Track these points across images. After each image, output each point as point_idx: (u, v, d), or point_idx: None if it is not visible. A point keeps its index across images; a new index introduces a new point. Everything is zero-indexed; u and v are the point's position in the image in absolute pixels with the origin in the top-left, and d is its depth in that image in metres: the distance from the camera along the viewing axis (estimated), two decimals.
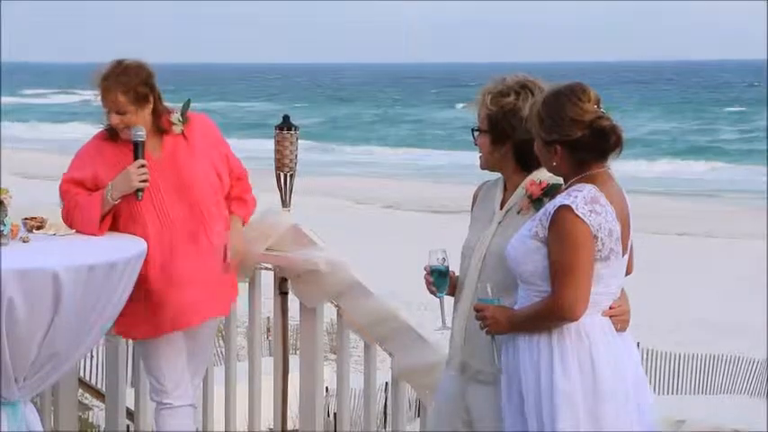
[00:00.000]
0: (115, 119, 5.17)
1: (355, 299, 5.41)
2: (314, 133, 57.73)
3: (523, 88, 4.31)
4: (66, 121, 71.31)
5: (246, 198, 5.45)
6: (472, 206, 4.54)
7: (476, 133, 4.39)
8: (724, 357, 17.82)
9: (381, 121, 75.14)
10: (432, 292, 4.42)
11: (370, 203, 37.71)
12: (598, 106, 4.09)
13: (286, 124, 5.71)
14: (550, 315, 4.04)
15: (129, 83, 5.16)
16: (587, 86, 4.12)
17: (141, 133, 5.16)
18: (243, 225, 5.44)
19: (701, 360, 17.91)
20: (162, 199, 5.20)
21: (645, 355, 17.11)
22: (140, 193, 5.16)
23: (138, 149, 5.16)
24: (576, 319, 4.03)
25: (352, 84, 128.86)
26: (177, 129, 5.27)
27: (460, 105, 77.77)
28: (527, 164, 4.31)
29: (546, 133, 4.10)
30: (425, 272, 4.41)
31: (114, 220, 5.22)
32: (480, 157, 4.42)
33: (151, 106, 5.20)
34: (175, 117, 5.29)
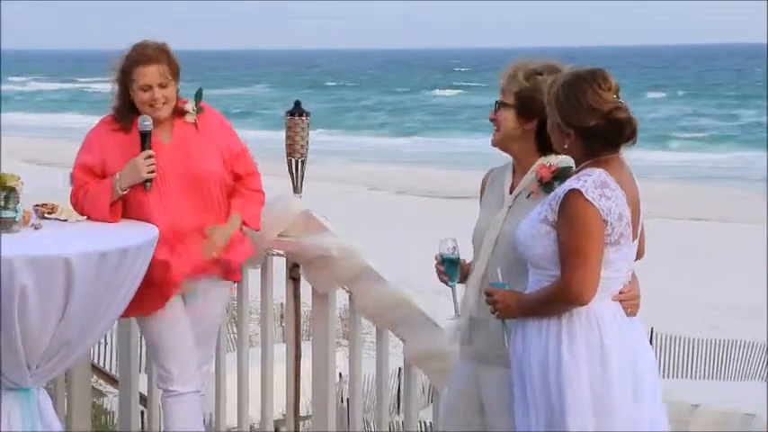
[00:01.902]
0: (158, 93, 5.13)
1: (367, 284, 5.40)
2: (324, 119, 57.72)
3: (555, 71, 4.23)
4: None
5: (251, 196, 5.34)
6: (481, 193, 4.52)
7: (498, 106, 4.32)
8: (738, 342, 17.79)
9: (392, 107, 75.07)
10: (443, 282, 4.41)
11: (382, 189, 37.70)
12: (617, 96, 4.07)
13: (297, 110, 5.70)
14: (559, 299, 4.03)
15: (168, 54, 5.20)
16: (609, 74, 4.09)
17: (148, 123, 5.14)
18: (240, 223, 5.29)
19: (716, 345, 17.88)
20: (169, 186, 5.18)
21: (659, 340, 17.09)
22: (148, 184, 5.14)
23: (144, 140, 5.14)
24: (585, 304, 4.02)
25: (358, 69, 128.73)
26: (191, 118, 5.26)
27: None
28: (545, 146, 4.27)
29: (561, 117, 4.08)
30: (436, 261, 4.40)
31: (122, 207, 5.21)
32: (495, 133, 4.36)
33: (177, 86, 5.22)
34: (189, 106, 5.28)
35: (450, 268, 4.39)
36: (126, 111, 5.21)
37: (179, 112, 5.25)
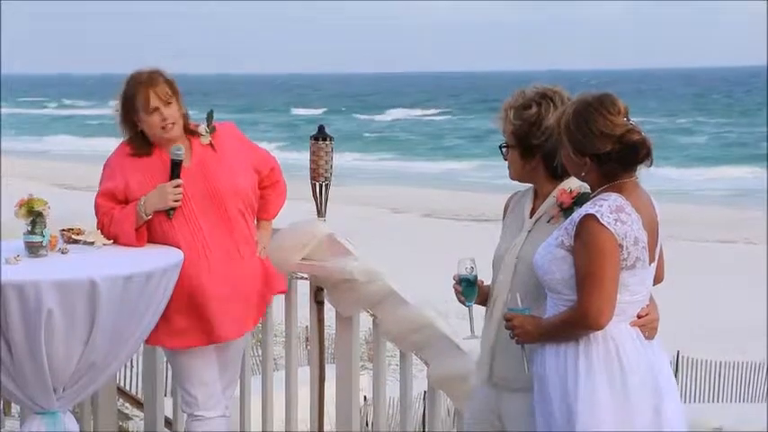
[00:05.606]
0: (166, 111, 5.18)
1: (391, 308, 5.41)
2: (348, 142, 57.80)
3: (544, 98, 4.31)
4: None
5: (273, 194, 5.48)
6: (503, 216, 4.56)
7: (504, 149, 4.40)
8: (762, 365, 17.70)
9: (415, 130, 75.14)
10: (461, 302, 4.44)
11: (406, 212, 37.70)
12: (627, 118, 4.08)
13: (321, 134, 5.73)
14: (576, 324, 4.04)
15: (163, 75, 5.26)
16: (616, 98, 4.11)
17: (180, 152, 5.19)
18: (269, 224, 5.50)
19: (739, 368, 17.80)
20: (192, 209, 5.23)
21: (683, 363, 17.03)
22: (171, 212, 5.19)
23: (175, 168, 5.19)
24: (601, 328, 4.03)
25: (378, 92, 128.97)
26: (205, 140, 5.32)
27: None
28: (557, 173, 4.32)
29: (575, 146, 4.09)
30: (454, 281, 4.43)
31: (147, 231, 5.25)
32: (509, 168, 4.42)
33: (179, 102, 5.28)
34: (202, 128, 5.33)
35: (468, 288, 4.42)
36: (141, 142, 5.28)
37: (194, 135, 5.31)
